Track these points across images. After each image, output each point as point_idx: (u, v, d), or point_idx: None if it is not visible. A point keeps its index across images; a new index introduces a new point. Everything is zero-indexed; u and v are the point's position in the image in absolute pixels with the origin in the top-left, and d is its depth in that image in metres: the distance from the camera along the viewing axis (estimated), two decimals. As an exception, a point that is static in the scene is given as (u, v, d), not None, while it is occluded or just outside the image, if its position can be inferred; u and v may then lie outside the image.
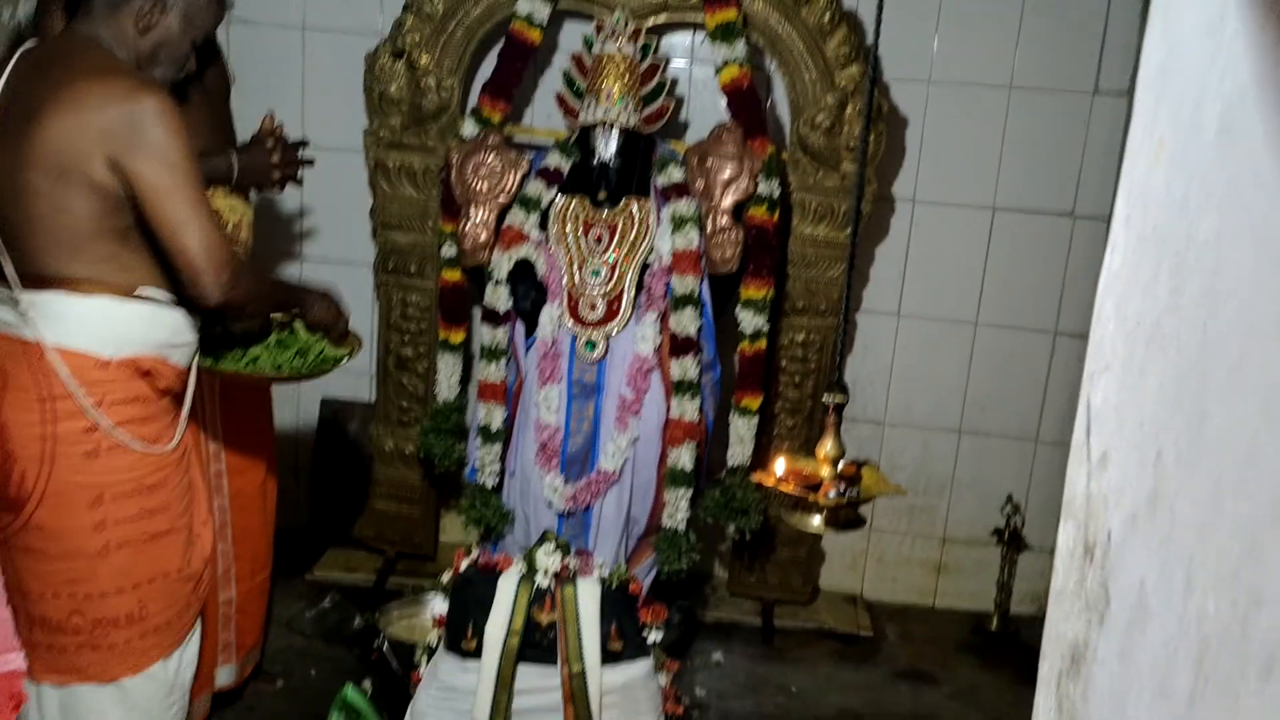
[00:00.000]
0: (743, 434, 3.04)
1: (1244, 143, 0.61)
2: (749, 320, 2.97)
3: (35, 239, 1.85)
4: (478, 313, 3.14)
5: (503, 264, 2.91)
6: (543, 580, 2.34)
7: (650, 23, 2.98)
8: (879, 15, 1.78)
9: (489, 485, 3.03)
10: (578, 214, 2.91)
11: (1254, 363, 0.58)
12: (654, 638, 2.40)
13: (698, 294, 2.85)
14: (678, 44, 3.21)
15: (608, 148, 2.87)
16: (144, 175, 1.80)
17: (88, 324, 1.88)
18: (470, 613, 2.34)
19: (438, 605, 2.43)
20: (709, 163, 2.86)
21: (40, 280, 1.87)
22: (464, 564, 2.42)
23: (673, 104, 2.96)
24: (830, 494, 1.78)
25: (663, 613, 2.42)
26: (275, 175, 2.40)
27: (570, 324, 2.86)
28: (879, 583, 3.53)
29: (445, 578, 2.44)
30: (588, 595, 2.34)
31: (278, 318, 2.19)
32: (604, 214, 2.90)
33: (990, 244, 3.28)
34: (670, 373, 2.87)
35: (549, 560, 2.37)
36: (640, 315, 2.85)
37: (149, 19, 1.94)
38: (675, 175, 2.90)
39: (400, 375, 3.29)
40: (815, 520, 1.82)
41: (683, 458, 2.89)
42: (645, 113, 2.88)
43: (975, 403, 3.38)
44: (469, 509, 3.03)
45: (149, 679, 2.05)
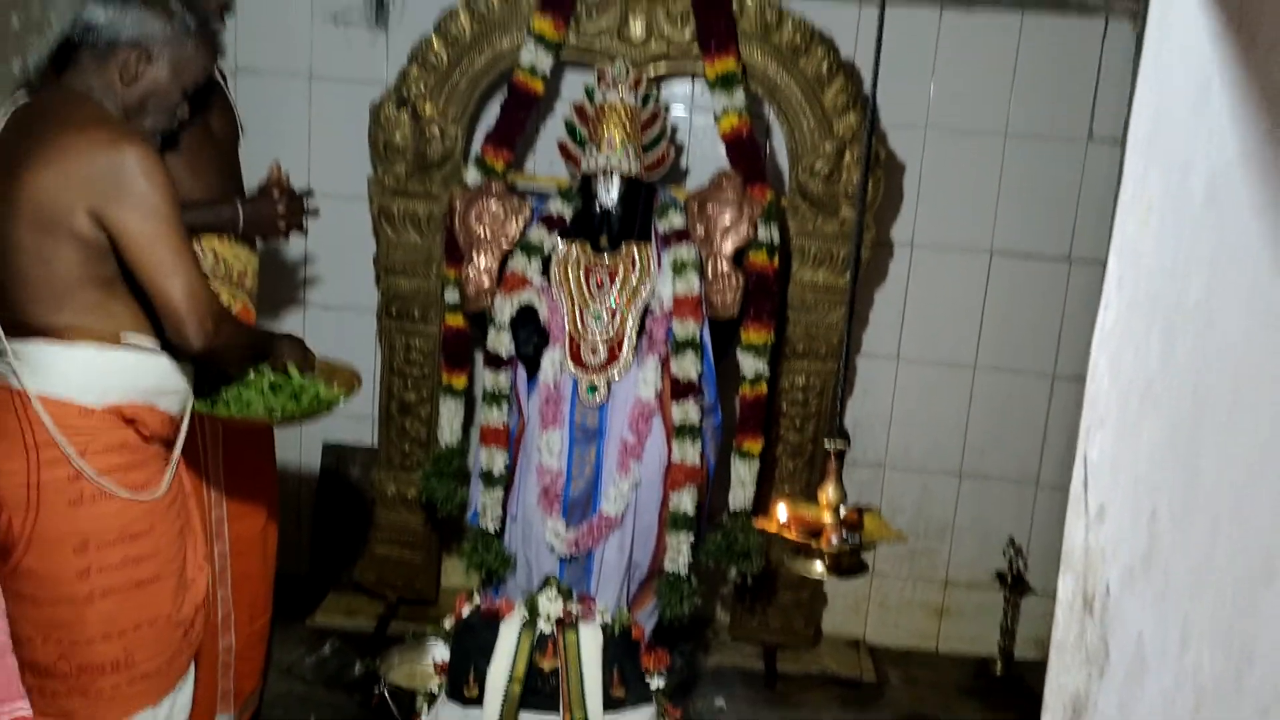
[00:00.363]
0: (744, 477, 3.05)
1: (1231, 211, 0.63)
2: (750, 364, 2.99)
3: (20, 290, 1.88)
4: (480, 357, 3.16)
5: (505, 309, 2.94)
6: (545, 626, 2.34)
7: (651, 72, 3.03)
8: (876, 64, 1.82)
9: (491, 530, 3.03)
10: (579, 260, 2.94)
11: (1242, 425, 0.60)
12: (656, 684, 2.40)
13: (699, 338, 2.88)
14: (678, 92, 3.26)
15: (609, 194, 2.91)
16: (127, 225, 1.82)
17: (72, 372, 1.90)
18: (472, 659, 2.34)
19: (439, 651, 2.43)
20: (709, 209, 2.90)
21: (26, 329, 1.89)
22: (466, 609, 2.42)
23: (673, 151, 3.00)
24: (832, 540, 1.79)
25: (665, 658, 2.42)
26: (281, 225, 2.43)
27: (572, 368, 2.88)
28: (881, 627, 3.52)
29: (447, 623, 2.44)
30: (590, 641, 2.34)
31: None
32: (605, 260, 2.93)
33: (988, 288, 3.31)
34: (672, 416, 2.88)
35: (551, 606, 2.37)
36: (642, 360, 2.87)
37: (135, 69, 1.96)
38: (676, 221, 2.94)
39: (403, 419, 3.30)
40: (818, 566, 1.82)
41: (684, 502, 2.89)
42: (646, 160, 2.92)
43: (975, 446, 3.39)
44: (471, 554, 3.02)
45: None
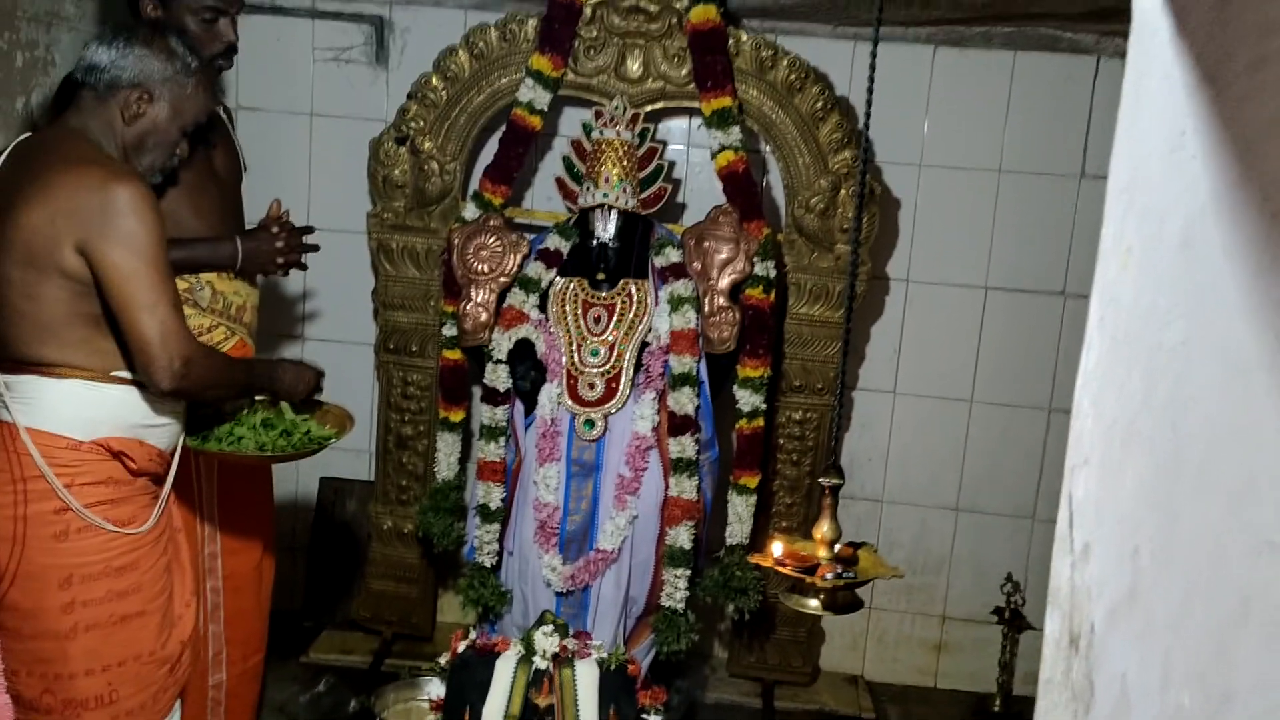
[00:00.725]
0: (741, 512, 3.05)
1: (1205, 256, 0.64)
2: (746, 399, 3.00)
3: (9, 325, 1.90)
4: (477, 392, 3.17)
5: (503, 344, 2.95)
6: (541, 662, 2.34)
7: (648, 109, 3.06)
8: (869, 102, 1.84)
9: (487, 564, 3.02)
10: (577, 295, 2.95)
11: (1220, 467, 0.61)
12: (652, 721, 2.39)
13: (695, 373, 2.89)
14: (675, 128, 3.29)
15: (606, 229, 2.93)
16: (107, 257, 1.83)
17: (60, 406, 1.91)
18: (468, 696, 2.33)
19: (435, 688, 2.42)
20: (706, 244, 2.92)
21: (15, 364, 1.91)
22: (461, 646, 2.42)
23: (670, 187, 3.02)
24: (828, 576, 1.79)
25: (661, 695, 2.41)
26: (280, 260, 2.46)
27: (569, 403, 2.89)
28: (880, 663, 3.50)
29: (443, 660, 2.43)
30: (586, 677, 2.34)
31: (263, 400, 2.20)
32: (603, 295, 2.94)
33: (984, 322, 3.33)
34: (668, 451, 2.89)
35: (547, 642, 2.36)
36: (639, 394, 2.88)
37: (136, 108, 1.99)
38: (673, 256, 2.96)
39: (400, 454, 3.30)
40: (813, 602, 1.82)
41: (681, 537, 2.89)
42: (643, 195, 2.94)
43: (972, 480, 3.39)
44: (467, 589, 3.01)
45: None
